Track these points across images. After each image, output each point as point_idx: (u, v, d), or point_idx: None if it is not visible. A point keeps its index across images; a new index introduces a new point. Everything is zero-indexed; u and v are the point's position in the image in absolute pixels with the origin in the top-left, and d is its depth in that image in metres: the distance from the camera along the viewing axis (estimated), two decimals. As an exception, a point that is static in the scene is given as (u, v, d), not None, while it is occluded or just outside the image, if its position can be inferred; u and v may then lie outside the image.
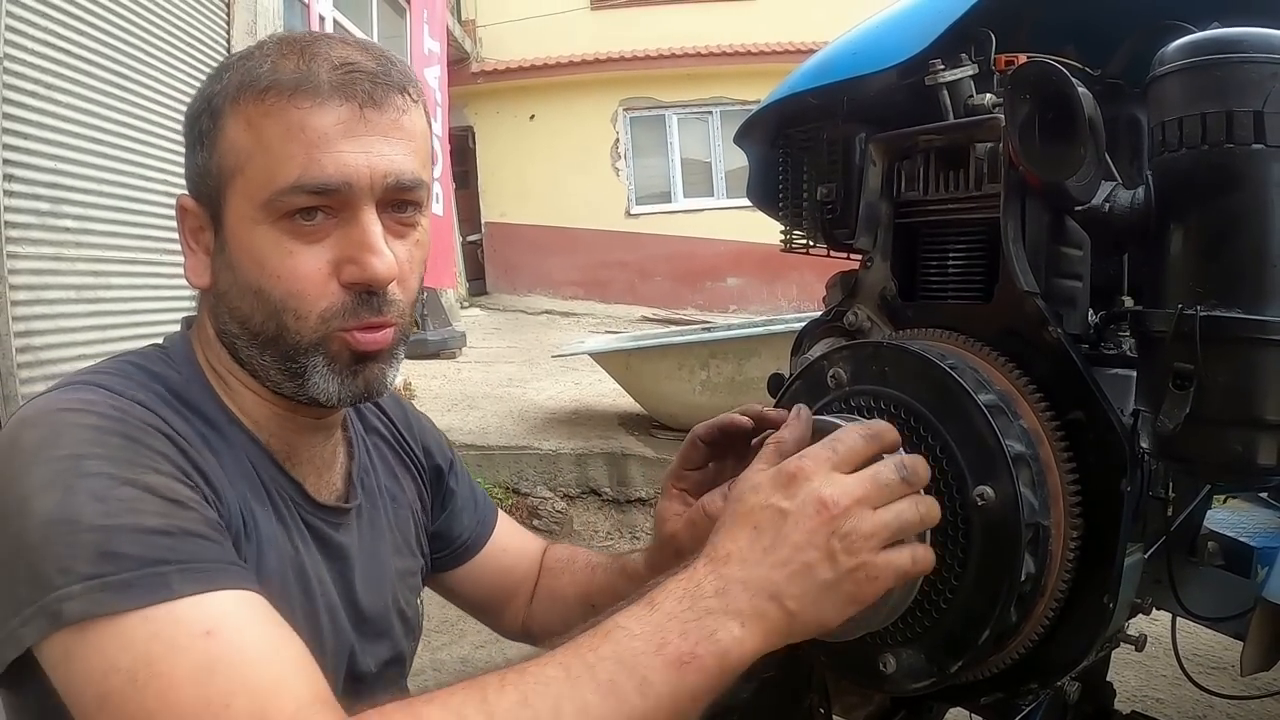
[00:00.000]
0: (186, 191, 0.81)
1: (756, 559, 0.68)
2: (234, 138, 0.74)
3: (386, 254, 0.75)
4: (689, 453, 1.00)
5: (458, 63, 10.62)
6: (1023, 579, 0.83)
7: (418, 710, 0.61)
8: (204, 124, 0.77)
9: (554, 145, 11.57)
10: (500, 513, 1.18)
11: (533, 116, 11.66)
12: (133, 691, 0.60)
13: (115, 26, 3.76)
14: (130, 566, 0.62)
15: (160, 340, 0.86)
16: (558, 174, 11.55)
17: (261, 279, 0.75)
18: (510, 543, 1.17)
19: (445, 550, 1.11)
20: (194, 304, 0.87)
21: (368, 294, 0.76)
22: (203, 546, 0.67)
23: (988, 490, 0.82)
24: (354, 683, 0.87)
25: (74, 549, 0.62)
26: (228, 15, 4.87)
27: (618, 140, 11.74)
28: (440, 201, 7.57)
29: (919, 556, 0.73)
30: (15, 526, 0.64)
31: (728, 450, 0.99)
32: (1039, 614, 0.89)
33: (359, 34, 7.99)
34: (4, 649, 0.64)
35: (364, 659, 0.90)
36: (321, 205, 0.74)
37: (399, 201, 0.78)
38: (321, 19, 6.75)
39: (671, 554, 0.95)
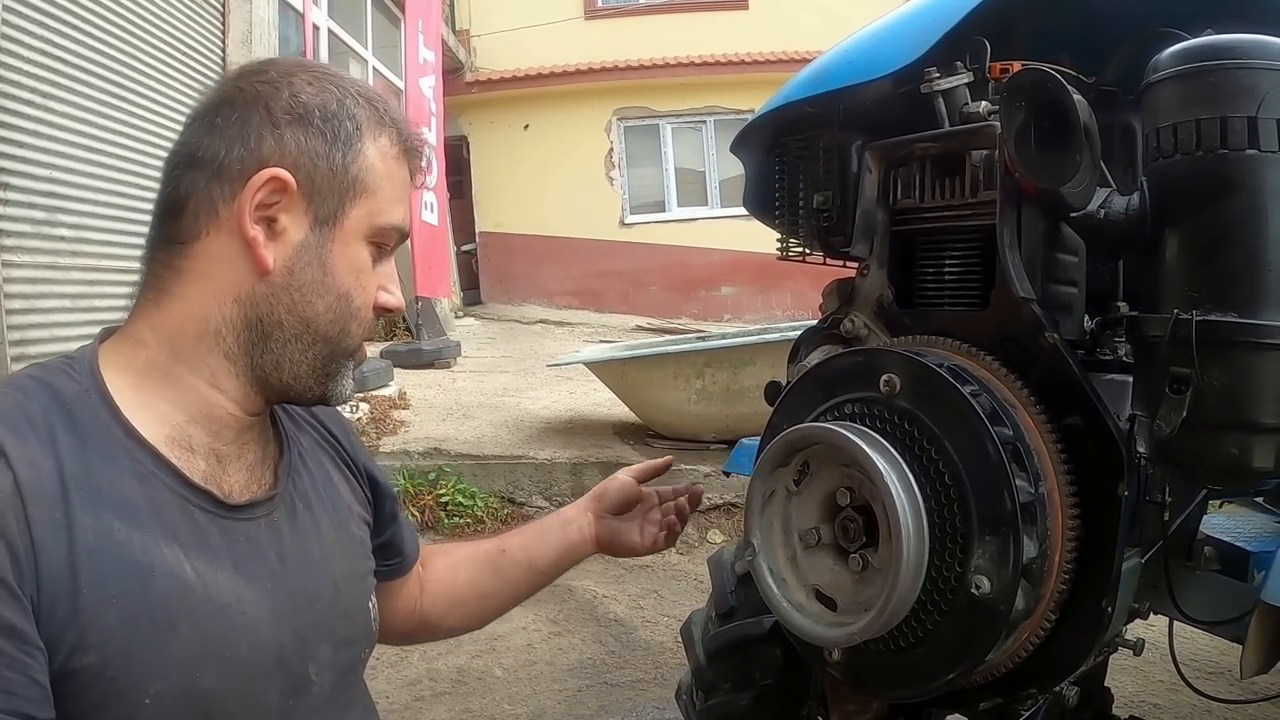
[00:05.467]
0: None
1: None
2: (374, 162, 0.86)
3: None
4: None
5: (452, 72, 10.64)
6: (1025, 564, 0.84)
7: None
8: (349, 127, 0.85)
9: (548, 155, 11.55)
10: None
11: (527, 126, 11.66)
12: None
13: (111, 36, 3.77)
14: None
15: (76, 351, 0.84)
16: (552, 183, 11.54)
17: (353, 286, 0.86)
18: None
19: (391, 561, 1.11)
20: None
21: (381, 315, 0.91)
22: None
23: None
24: (296, 688, 0.84)
25: None
26: (223, 25, 4.89)
27: (612, 149, 11.73)
28: (435, 211, 7.57)
29: None
30: None
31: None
32: (1038, 617, 0.90)
33: (354, 44, 8.01)
34: None
35: (302, 662, 0.86)
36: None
37: None
38: (316, 29, 6.75)
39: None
